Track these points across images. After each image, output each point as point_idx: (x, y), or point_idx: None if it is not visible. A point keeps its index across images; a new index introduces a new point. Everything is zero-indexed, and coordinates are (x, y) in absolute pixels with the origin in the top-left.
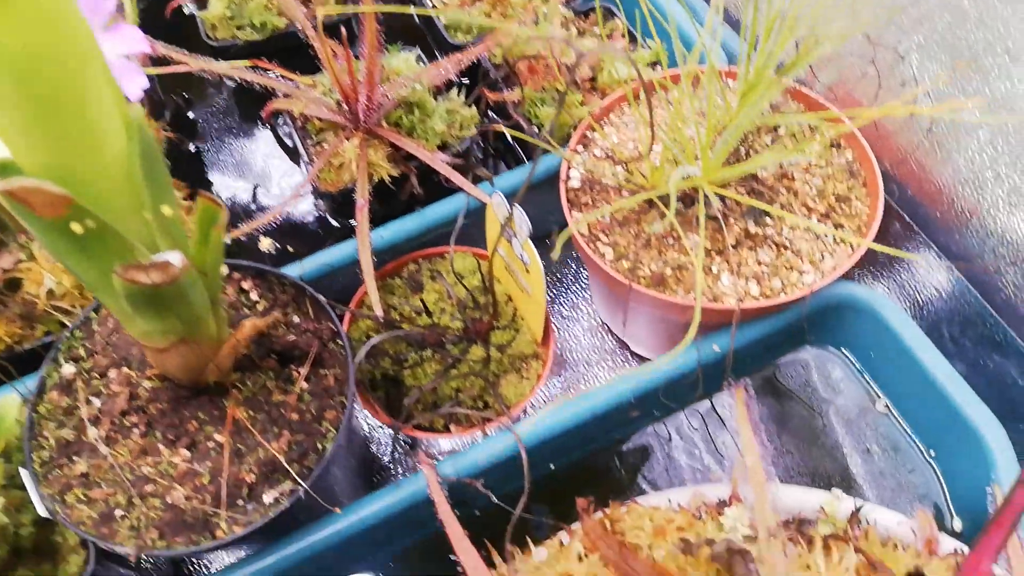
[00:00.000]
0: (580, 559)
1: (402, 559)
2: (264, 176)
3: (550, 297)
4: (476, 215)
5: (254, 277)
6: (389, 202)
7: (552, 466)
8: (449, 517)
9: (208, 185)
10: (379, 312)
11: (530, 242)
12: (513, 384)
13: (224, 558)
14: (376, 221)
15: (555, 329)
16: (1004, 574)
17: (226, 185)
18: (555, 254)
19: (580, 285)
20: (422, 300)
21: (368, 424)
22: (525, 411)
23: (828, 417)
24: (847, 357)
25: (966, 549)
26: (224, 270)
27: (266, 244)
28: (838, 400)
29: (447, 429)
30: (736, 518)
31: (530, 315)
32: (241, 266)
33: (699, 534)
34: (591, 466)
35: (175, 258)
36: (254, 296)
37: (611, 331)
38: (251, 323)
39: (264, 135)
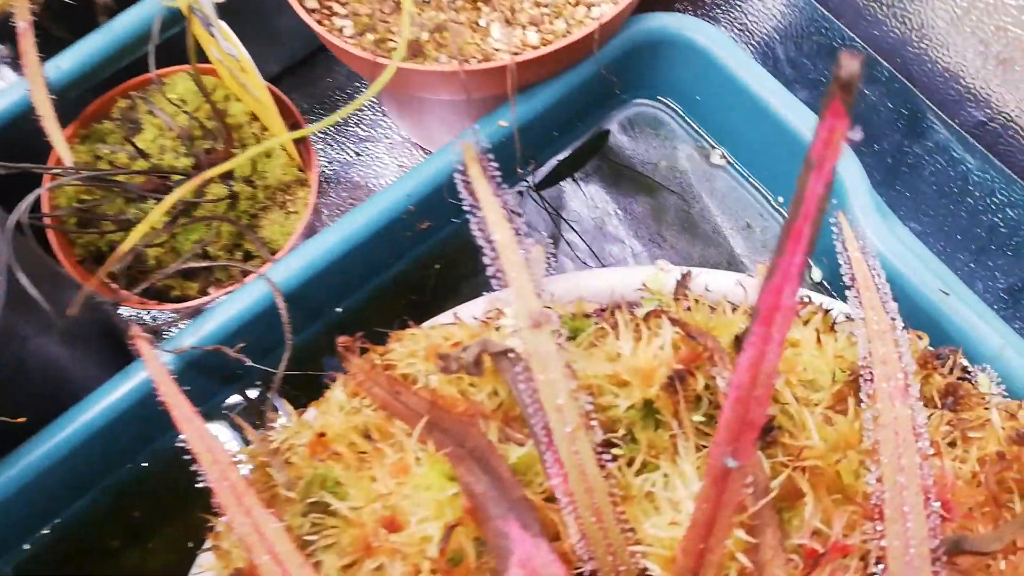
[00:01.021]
0: (341, 408)
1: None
2: None
3: (341, 121)
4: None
5: None
6: (79, 27)
7: (339, 309)
8: (173, 397)
9: None
10: (67, 160)
11: (225, 26)
12: (278, 222)
13: None
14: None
15: (345, 151)
16: (854, 311)
17: None
18: None
19: (375, 98)
20: (129, 140)
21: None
22: None
23: (702, 200)
24: (671, 108)
25: (816, 296)
26: None
27: None
28: (683, 164)
29: (207, 293)
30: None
31: (272, 126)
32: None
33: None
34: (397, 297)
35: None
36: None
37: (421, 146)
38: None
39: None
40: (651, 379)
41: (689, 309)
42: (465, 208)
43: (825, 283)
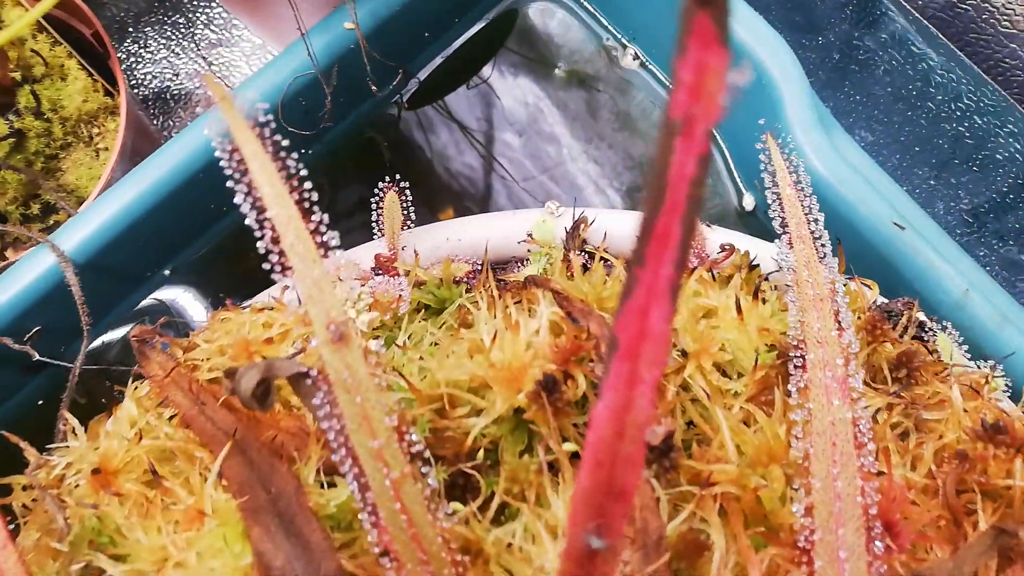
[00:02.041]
0: (134, 426)
1: None
2: None
3: (186, 23)
4: None
5: None
6: None
7: (166, 271)
8: None
9: None
10: None
11: None
12: (84, 163)
13: None
14: None
15: (193, 59)
16: (784, 263)
17: None
18: None
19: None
20: None
21: None
22: None
23: (639, 95)
24: None
25: (742, 239)
26: None
27: None
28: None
29: (4, 257)
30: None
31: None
32: None
33: (285, 353)
34: (244, 252)
35: None
36: None
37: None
38: None
39: None
40: (519, 381)
41: (586, 268)
42: (227, 174)
43: (759, 213)
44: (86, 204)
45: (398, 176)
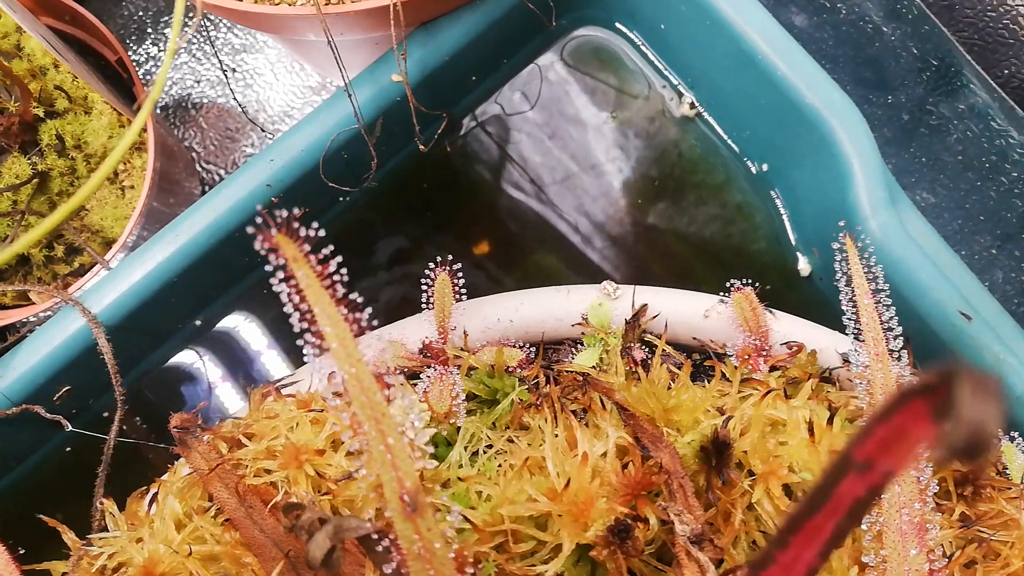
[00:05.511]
0: (179, 525)
1: None
2: None
3: (208, 25)
4: None
5: None
6: None
7: (198, 321)
8: None
9: None
10: None
11: None
12: (109, 203)
13: None
14: None
15: (216, 66)
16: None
17: None
18: None
19: None
20: None
21: None
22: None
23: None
24: (630, 37)
25: (804, 331)
26: None
27: None
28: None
29: (26, 300)
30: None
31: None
32: None
33: (337, 465)
34: (274, 299)
35: None
36: None
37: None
38: None
39: None
40: (585, 515)
41: (645, 363)
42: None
43: (814, 278)
44: (118, 245)
45: (432, 214)
